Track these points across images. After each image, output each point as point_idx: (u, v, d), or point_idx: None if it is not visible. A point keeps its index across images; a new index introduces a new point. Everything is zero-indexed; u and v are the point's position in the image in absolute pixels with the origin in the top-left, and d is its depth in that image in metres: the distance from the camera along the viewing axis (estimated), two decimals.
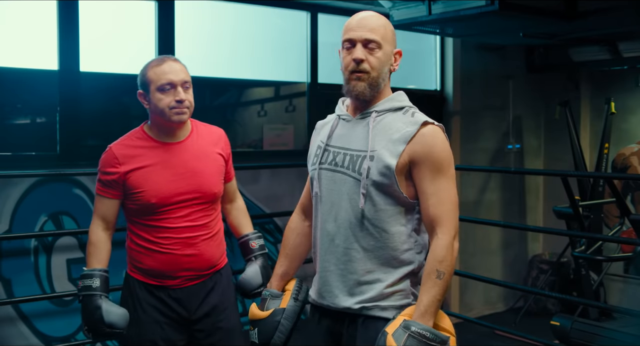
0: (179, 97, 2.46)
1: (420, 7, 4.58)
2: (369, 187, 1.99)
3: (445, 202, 1.96)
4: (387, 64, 2.08)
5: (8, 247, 3.79)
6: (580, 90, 6.40)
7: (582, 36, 5.39)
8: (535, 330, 4.94)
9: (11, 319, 3.79)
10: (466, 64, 5.97)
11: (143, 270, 2.54)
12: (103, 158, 2.53)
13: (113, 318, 2.39)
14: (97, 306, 2.39)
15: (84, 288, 2.45)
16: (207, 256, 2.57)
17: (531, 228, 6.46)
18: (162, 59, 2.52)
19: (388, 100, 2.08)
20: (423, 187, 1.98)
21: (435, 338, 1.87)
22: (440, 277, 1.92)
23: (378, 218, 2.00)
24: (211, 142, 2.64)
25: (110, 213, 2.54)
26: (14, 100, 3.98)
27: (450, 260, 1.94)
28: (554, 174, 5.97)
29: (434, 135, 1.99)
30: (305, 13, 5.19)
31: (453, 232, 1.96)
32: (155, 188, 2.46)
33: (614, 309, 5.08)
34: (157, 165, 2.49)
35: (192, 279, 2.55)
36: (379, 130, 2.03)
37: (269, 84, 5.17)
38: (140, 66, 2.62)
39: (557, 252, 6.16)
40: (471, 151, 6.07)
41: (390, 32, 2.10)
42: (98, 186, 2.54)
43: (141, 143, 2.53)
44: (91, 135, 4.24)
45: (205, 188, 2.55)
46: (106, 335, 2.41)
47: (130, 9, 4.36)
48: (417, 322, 1.89)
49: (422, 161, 1.97)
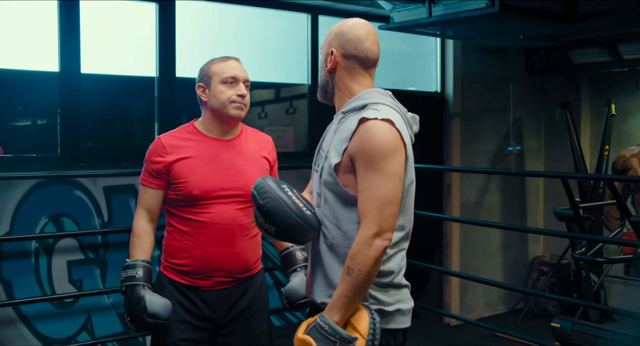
0: (241, 91, 2.53)
1: (420, 9, 4.59)
2: (322, 186, 2.05)
3: (371, 199, 1.91)
4: (323, 67, 2.15)
5: (9, 249, 3.79)
6: (581, 92, 6.40)
7: (582, 38, 5.40)
8: (535, 332, 4.95)
9: (12, 321, 3.79)
10: (466, 66, 5.98)
11: (176, 268, 2.53)
12: (151, 148, 2.55)
13: (156, 308, 2.36)
14: (140, 296, 2.36)
15: (127, 279, 2.41)
16: (244, 257, 2.56)
17: (531, 230, 6.46)
18: (227, 57, 2.60)
19: (354, 100, 2.08)
20: (358, 183, 1.95)
21: (334, 333, 1.87)
22: (349, 273, 1.89)
23: (333, 216, 2.03)
24: (258, 145, 2.68)
25: (154, 204, 2.53)
26: (14, 102, 3.99)
27: (363, 256, 1.87)
28: (554, 176, 5.96)
29: (368, 130, 1.94)
30: (306, 15, 5.20)
31: (375, 228, 1.89)
32: (199, 180, 2.47)
33: (615, 311, 5.07)
34: (204, 158, 2.51)
35: (225, 283, 2.53)
36: (340, 130, 2.05)
37: (269, 85, 5.18)
38: (141, 68, 2.64)
39: (558, 253, 6.16)
40: (471, 153, 6.07)
41: (328, 34, 2.17)
42: (143, 176, 2.54)
43: (190, 136, 2.56)
44: (92, 137, 4.24)
45: (249, 187, 2.50)
46: (149, 326, 2.37)
47: (131, 10, 4.37)
48: (323, 315, 1.92)
49: (357, 157, 1.94)
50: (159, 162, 2.49)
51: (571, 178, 5.35)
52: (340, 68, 2.12)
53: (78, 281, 4.04)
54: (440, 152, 6.02)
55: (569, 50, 5.86)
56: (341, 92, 2.12)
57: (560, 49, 5.91)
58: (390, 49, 5.80)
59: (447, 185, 5.98)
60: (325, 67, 2.14)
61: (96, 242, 4.08)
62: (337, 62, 2.11)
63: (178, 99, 4.41)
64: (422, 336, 5.40)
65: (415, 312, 6.34)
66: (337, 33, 2.13)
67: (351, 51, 2.10)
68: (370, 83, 2.16)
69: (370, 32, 2.15)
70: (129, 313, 2.38)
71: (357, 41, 2.11)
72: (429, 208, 5.71)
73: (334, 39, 2.13)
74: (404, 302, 2.09)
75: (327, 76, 2.14)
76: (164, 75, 4.39)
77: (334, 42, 2.13)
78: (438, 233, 6.01)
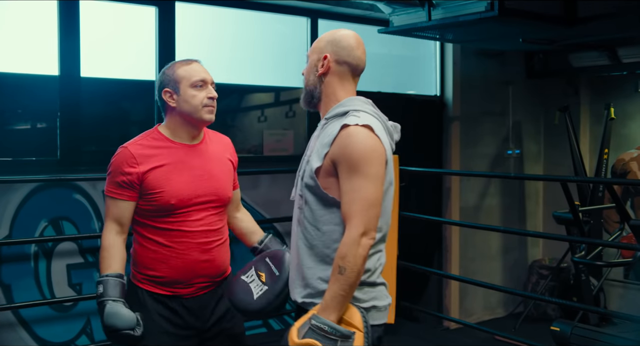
0: (211, 94, 2.50)
1: (420, 13, 4.60)
2: (303, 188, 2.15)
3: (356, 200, 2.00)
4: (313, 72, 2.22)
5: (8, 253, 3.79)
6: (580, 96, 6.41)
7: (581, 42, 5.41)
8: (535, 336, 4.94)
9: (11, 324, 3.79)
10: (466, 70, 5.98)
11: (154, 280, 2.47)
12: (117, 159, 2.45)
13: (111, 321, 2.30)
14: (101, 311, 2.33)
15: (97, 297, 2.37)
16: (220, 262, 2.55)
17: (531, 234, 6.46)
18: (190, 60, 2.56)
19: (337, 107, 2.18)
20: (341, 186, 2.04)
21: (334, 332, 1.94)
22: (341, 273, 1.97)
23: (313, 217, 2.12)
24: (222, 148, 2.65)
25: (125, 216, 2.44)
26: (14, 105, 3.99)
27: (353, 256, 1.96)
28: (554, 179, 5.97)
29: (349, 135, 2.03)
30: (305, 19, 5.20)
31: (361, 228, 1.98)
32: (176, 189, 2.42)
33: (614, 314, 5.07)
34: (176, 164, 2.46)
35: (205, 287, 2.52)
36: (322, 136, 2.15)
37: (269, 89, 5.18)
38: (141, 71, 2.63)
39: (557, 257, 6.16)
40: (471, 156, 6.07)
41: (318, 42, 2.24)
42: (111, 189, 2.44)
43: (157, 144, 2.49)
44: (91, 140, 4.24)
45: (222, 191, 2.54)
46: (118, 339, 2.33)
47: (130, 14, 4.38)
48: (318, 316, 1.98)
49: (339, 161, 2.04)
50: (130, 173, 2.40)
51: (570, 182, 5.35)
52: (331, 73, 2.20)
53: (77, 285, 4.04)
54: (440, 156, 6.02)
55: (568, 53, 5.87)
56: (328, 98, 2.21)
57: (560, 52, 5.92)
58: (390, 52, 5.81)
59: (447, 188, 5.98)
60: (315, 72, 2.21)
61: (96, 245, 4.08)
62: (329, 67, 2.19)
63: None
64: (422, 340, 5.39)
65: (415, 315, 6.36)
66: (330, 40, 2.21)
67: (345, 57, 2.19)
68: (354, 91, 2.25)
69: (361, 43, 2.25)
70: (103, 330, 2.36)
71: (350, 48, 2.19)
72: (429, 211, 5.71)
73: (326, 45, 2.21)
74: (380, 299, 2.14)
75: (316, 81, 2.21)
76: None
77: (327, 48, 2.20)
78: (437, 237, 6.01)
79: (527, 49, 6.03)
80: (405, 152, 5.16)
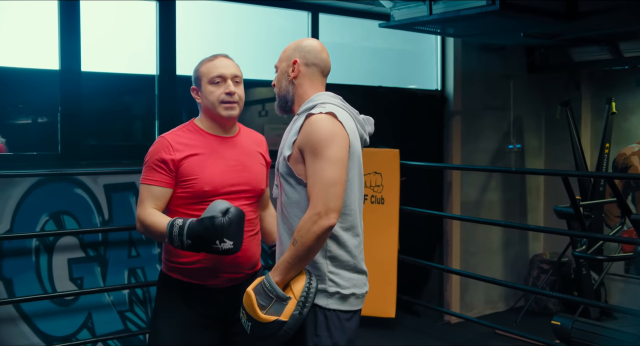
0: (229, 89, 2.52)
1: (421, 7, 4.59)
2: (280, 178, 2.29)
3: (317, 182, 2.12)
4: (284, 78, 2.39)
5: (9, 247, 3.79)
6: (581, 90, 6.40)
7: (582, 36, 5.40)
8: (536, 330, 4.95)
9: (12, 319, 3.80)
10: (467, 64, 5.97)
11: (184, 268, 2.49)
12: (155, 147, 2.50)
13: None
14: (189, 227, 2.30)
15: (178, 235, 2.31)
16: (250, 254, 2.56)
17: (532, 228, 6.47)
18: (215, 56, 2.59)
19: (306, 103, 2.32)
20: (307, 171, 2.18)
21: (272, 290, 2.12)
22: (294, 244, 2.12)
23: (289, 204, 2.25)
24: (255, 144, 2.70)
25: (160, 201, 2.46)
26: (15, 100, 3.99)
27: (307, 231, 2.08)
28: (555, 174, 5.97)
29: (311, 123, 2.18)
30: (306, 13, 5.19)
31: (319, 207, 2.09)
32: (210, 176, 2.46)
33: (615, 309, 5.07)
34: (211, 154, 2.51)
35: (233, 279, 2.52)
36: (292, 128, 2.30)
37: (270, 83, 5.15)
38: (142, 66, 2.64)
39: (558, 251, 6.17)
40: (472, 151, 6.07)
41: (285, 52, 2.41)
42: (147, 176, 2.47)
43: (193, 134, 2.55)
44: (92, 134, 4.24)
45: (255, 182, 2.58)
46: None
47: (131, 8, 4.37)
48: (268, 274, 2.17)
49: (304, 148, 2.18)
50: (167, 159, 2.46)
51: (572, 176, 5.35)
52: (301, 76, 2.36)
53: (79, 279, 4.04)
54: (441, 150, 6.02)
55: (569, 48, 5.86)
56: (300, 98, 2.36)
57: (561, 46, 5.91)
58: (391, 47, 5.80)
59: (448, 183, 5.98)
60: (287, 77, 2.37)
61: (97, 239, 4.08)
62: (299, 71, 2.35)
63: (178, 97, 4.41)
64: (423, 334, 5.40)
65: (416, 310, 6.38)
66: (296, 47, 2.38)
67: (312, 59, 2.36)
68: (324, 90, 2.40)
69: (324, 48, 2.41)
70: (214, 235, 2.27)
71: (316, 52, 2.37)
72: (430, 206, 5.71)
73: (293, 52, 2.38)
74: (359, 287, 2.28)
75: (288, 85, 2.37)
76: (164, 73, 4.39)
77: (295, 54, 2.37)
78: (438, 231, 6.01)
79: (528, 43, 6.02)
80: (406, 146, 5.18)
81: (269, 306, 2.11)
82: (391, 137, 5.38)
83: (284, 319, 2.09)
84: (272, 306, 2.11)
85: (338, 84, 5.02)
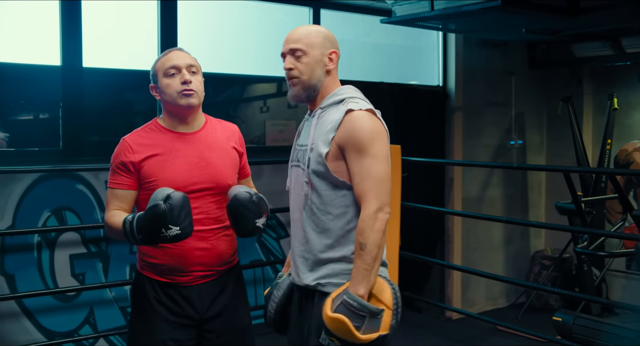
0: (184, 78, 2.44)
1: (422, 3, 4.58)
2: (310, 175, 2.23)
3: (368, 179, 2.12)
4: (319, 66, 2.28)
5: (11, 243, 3.80)
6: (583, 86, 6.39)
7: (584, 32, 5.38)
8: (537, 326, 4.95)
9: (14, 314, 3.81)
10: (468, 60, 5.97)
11: (154, 266, 2.48)
12: (116, 150, 2.49)
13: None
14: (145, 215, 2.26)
15: (130, 231, 2.28)
16: (219, 250, 2.52)
17: (533, 224, 6.46)
18: (168, 50, 2.55)
19: (331, 96, 2.29)
20: (351, 168, 2.16)
21: (362, 308, 2.04)
22: (362, 248, 2.09)
23: (322, 202, 2.22)
24: (225, 136, 2.62)
25: (125, 204, 2.46)
26: (17, 96, 3.99)
27: (371, 230, 2.08)
28: (557, 170, 5.96)
29: (354, 119, 2.16)
30: (307, 9, 5.19)
31: (376, 204, 2.10)
32: (170, 177, 2.42)
33: (616, 305, 5.08)
34: (171, 153, 2.46)
35: (204, 276, 2.50)
36: (320, 124, 2.25)
37: (271, 79, 5.17)
38: (143, 61, 2.63)
39: (559, 247, 6.16)
40: (473, 147, 6.07)
41: (316, 38, 2.30)
42: (111, 179, 2.47)
43: (154, 134, 2.51)
44: (94, 130, 4.25)
45: (219, 178, 2.51)
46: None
47: (133, 4, 4.37)
48: (349, 291, 2.08)
49: (347, 145, 2.16)
50: (126, 162, 2.43)
51: (573, 172, 5.33)
52: (335, 68, 2.33)
53: (80, 275, 4.06)
54: (442, 146, 6.01)
55: (571, 43, 5.84)
56: (326, 90, 2.31)
57: (563, 42, 5.90)
58: (392, 42, 5.79)
59: (449, 178, 5.98)
60: (323, 67, 2.29)
61: (98, 235, 4.09)
62: (336, 62, 2.32)
63: None
64: (424, 330, 5.41)
65: (417, 306, 6.38)
66: (327, 36, 2.33)
67: (338, 52, 2.34)
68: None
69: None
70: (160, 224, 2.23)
71: (337, 43, 2.35)
72: (431, 202, 5.71)
73: (325, 41, 2.31)
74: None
75: (321, 76, 2.29)
76: None
77: (328, 44, 2.31)
78: (440, 227, 6.01)
79: (530, 39, 6.01)
80: (408, 142, 5.17)
81: (363, 325, 2.05)
82: (392, 132, 5.33)
83: (385, 332, 2.07)
84: (366, 324, 2.05)
85: (340, 80, 5.01)
